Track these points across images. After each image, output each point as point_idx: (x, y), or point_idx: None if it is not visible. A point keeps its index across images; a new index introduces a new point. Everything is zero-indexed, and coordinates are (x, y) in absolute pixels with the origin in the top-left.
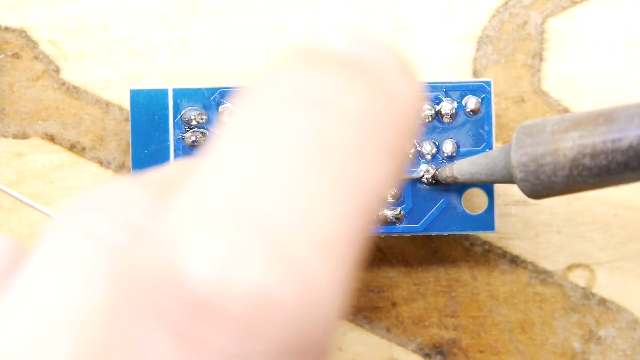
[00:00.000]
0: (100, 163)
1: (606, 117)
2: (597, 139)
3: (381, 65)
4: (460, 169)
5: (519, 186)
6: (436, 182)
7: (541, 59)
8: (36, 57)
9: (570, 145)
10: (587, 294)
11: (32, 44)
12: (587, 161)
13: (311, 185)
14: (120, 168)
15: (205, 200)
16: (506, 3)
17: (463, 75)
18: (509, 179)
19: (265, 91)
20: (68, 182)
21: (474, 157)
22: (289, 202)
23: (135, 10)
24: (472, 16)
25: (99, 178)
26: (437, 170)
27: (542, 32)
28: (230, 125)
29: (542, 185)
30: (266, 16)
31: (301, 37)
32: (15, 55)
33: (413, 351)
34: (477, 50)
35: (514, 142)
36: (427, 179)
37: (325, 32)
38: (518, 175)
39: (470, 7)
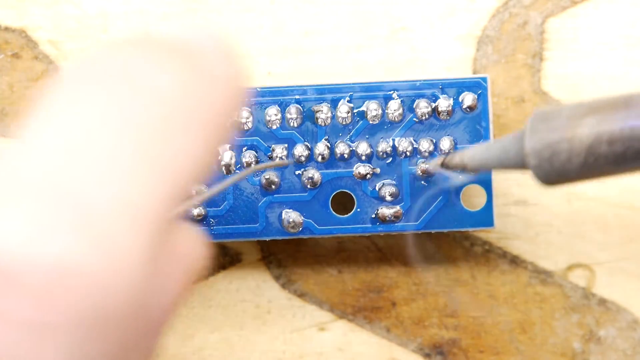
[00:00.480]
0: None
1: (625, 103)
2: (615, 125)
3: (199, 49)
4: (471, 155)
5: (532, 172)
6: (446, 169)
7: (541, 59)
8: (36, 57)
9: (587, 131)
10: (587, 294)
11: (32, 44)
12: (603, 148)
13: (118, 160)
14: None
15: (12, 177)
16: (506, 3)
17: (463, 75)
18: (521, 166)
19: (78, 71)
20: None
21: (485, 144)
22: (96, 176)
23: (135, 10)
24: (472, 16)
25: None
26: (446, 158)
27: (542, 32)
28: (42, 105)
29: (556, 172)
30: (266, 16)
31: (301, 37)
32: (15, 55)
33: (413, 351)
34: (477, 50)
35: (529, 128)
36: (433, 167)
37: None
38: (532, 162)
39: (470, 7)
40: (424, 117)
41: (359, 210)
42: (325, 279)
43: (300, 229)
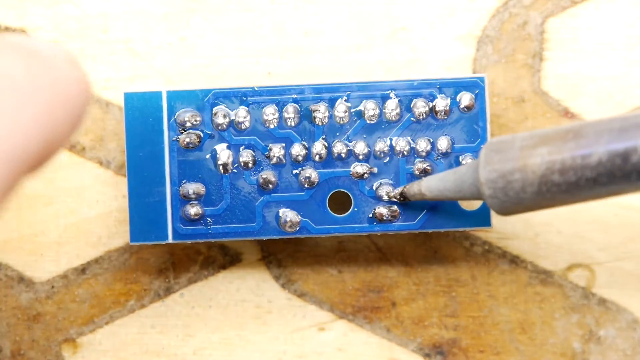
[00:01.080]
0: (100, 163)
1: (575, 133)
2: (566, 155)
3: (50, 52)
4: (428, 185)
5: (487, 203)
6: (404, 199)
7: (541, 59)
8: None
9: (538, 161)
10: (587, 294)
11: None
12: (556, 177)
13: None
14: (120, 168)
15: None
16: (506, 3)
17: (462, 75)
18: (477, 196)
19: None
20: (68, 182)
21: (441, 174)
22: None
23: (135, 10)
24: (472, 16)
25: (99, 178)
26: (405, 187)
27: (542, 32)
28: None
29: (511, 202)
30: (266, 16)
31: (301, 37)
32: None
33: (413, 351)
34: (477, 50)
35: (482, 159)
36: (394, 197)
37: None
38: (486, 192)
39: (470, 7)
40: (421, 117)
41: (356, 209)
42: (325, 279)
43: (298, 228)
